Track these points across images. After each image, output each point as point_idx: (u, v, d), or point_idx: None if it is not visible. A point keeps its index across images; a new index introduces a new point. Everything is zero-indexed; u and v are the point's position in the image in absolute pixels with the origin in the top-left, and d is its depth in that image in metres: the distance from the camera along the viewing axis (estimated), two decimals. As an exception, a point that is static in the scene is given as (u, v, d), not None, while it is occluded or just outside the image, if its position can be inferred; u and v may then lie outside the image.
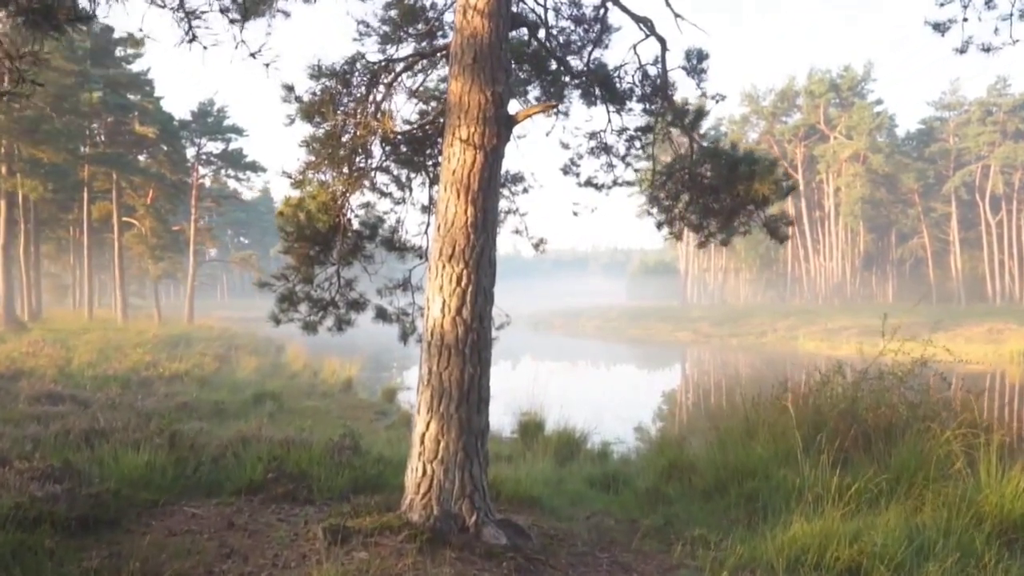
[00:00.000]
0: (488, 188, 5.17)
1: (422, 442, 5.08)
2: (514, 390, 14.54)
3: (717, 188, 6.98)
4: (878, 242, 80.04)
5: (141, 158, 39.32)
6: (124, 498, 5.65)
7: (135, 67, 37.49)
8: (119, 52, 36.19)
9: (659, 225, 7.93)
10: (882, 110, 73.53)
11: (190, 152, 42.76)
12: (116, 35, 34.17)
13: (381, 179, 7.05)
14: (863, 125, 70.92)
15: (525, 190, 7.76)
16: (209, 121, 41.91)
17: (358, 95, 6.06)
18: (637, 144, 7.64)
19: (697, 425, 13.85)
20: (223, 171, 46.69)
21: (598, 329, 69.76)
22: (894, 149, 73.75)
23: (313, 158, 6.17)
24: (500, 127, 5.19)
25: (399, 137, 6.94)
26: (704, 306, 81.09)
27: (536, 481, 7.80)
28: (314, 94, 6.03)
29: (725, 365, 36.76)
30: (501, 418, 14.09)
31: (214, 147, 43.22)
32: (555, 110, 8.16)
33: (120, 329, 31.16)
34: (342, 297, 6.82)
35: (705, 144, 6.83)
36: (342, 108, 6.01)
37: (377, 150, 6.81)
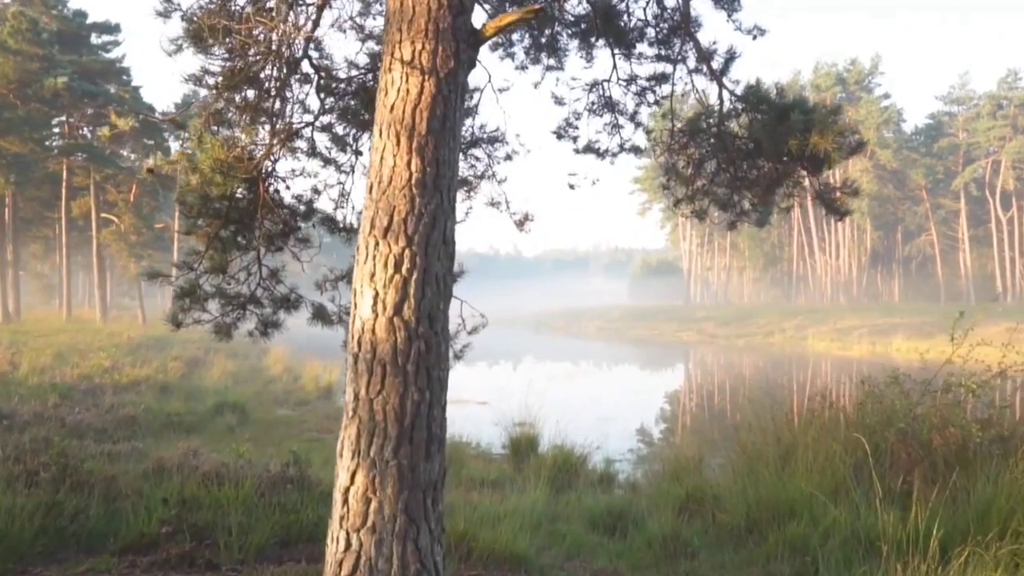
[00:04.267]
0: (442, 132, 3.57)
1: (345, 501, 3.48)
2: (509, 397, 12.91)
3: (755, 150, 5.38)
4: (884, 240, 78.35)
5: (124, 152, 37.67)
6: (-62, 572, 4.06)
7: (112, 56, 35.84)
8: (95, 40, 34.52)
9: (677, 202, 6.33)
10: (890, 104, 71.84)
11: (176, 146, 41.03)
12: (90, 21, 32.49)
13: (321, 140, 5.48)
14: (870, 120, 69.16)
15: (508, 156, 6.15)
16: (194, 113, 39.99)
17: (271, 9, 4.46)
18: (650, 98, 6.03)
19: (713, 438, 12.25)
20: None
21: (600, 330, 68.19)
22: (902, 144, 72.07)
23: (209, 99, 4.59)
24: (460, 43, 3.60)
25: (342, 86, 5.34)
26: (708, 306, 79.48)
27: (523, 523, 6.19)
28: (208, 4, 4.42)
29: (736, 367, 35.12)
30: (491, 430, 12.49)
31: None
32: (549, 61, 6.57)
33: (96, 331, 29.53)
34: (266, 292, 5.22)
35: (741, 92, 5.21)
36: (255, 32, 4.42)
37: (314, 101, 5.22)
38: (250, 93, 4.72)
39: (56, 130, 34.68)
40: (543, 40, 6.61)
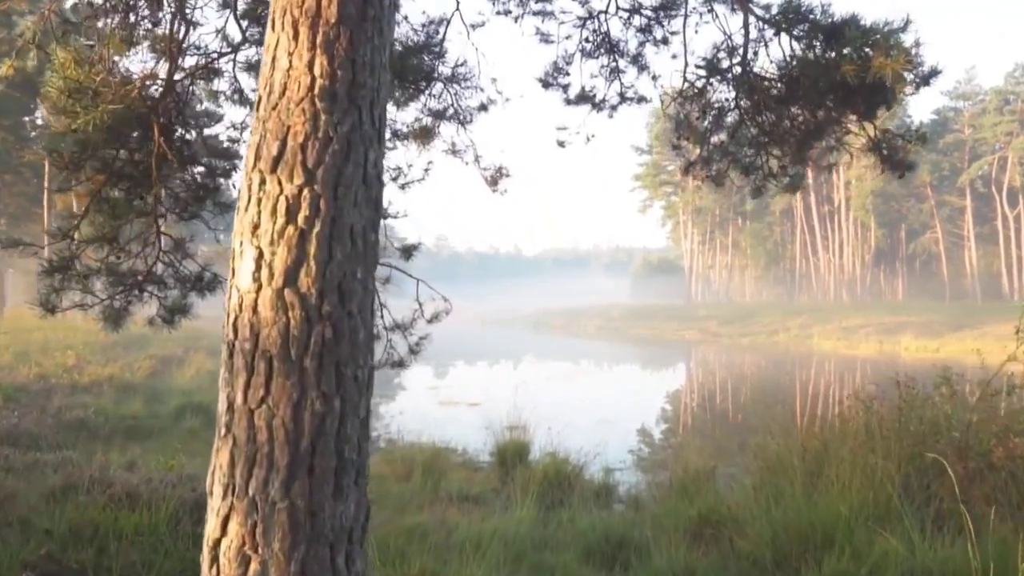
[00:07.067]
0: (361, 22, 2.47)
1: (215, 560, 2.38)
2: (504, 399, 11.79)
3: (787, 95, 4.27)
4: (888, 238, 77.13)
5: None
6: None
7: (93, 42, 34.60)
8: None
9: (689, 166, 5.21)
10: (894, 99, 70.59)
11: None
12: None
13: (247, 81, 4.37)
14: (875, 115, 67.96)
15: (483, 107, 5.02)
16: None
17: None
18: (657, 33, 4.91)
19: (724, 444, 11.16)
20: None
21: (600, 329, 67.11)
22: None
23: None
24: None
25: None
26: (710, 304, 78.38)
27: (503, 554, 5.11)
28: None
29: (742, 367, 34.00)
30: (481, 435, 11.35)
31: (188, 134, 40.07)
32: (535, 5, 5.45)
33: (73, 328, 28.36)
34: (170, 268, 4.12)
35: (773, 15, 4.09)
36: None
37: (233, 28, 4.12)
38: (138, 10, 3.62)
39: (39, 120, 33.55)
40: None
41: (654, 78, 5.09)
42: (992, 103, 68.29)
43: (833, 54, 3.63)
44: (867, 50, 3.55)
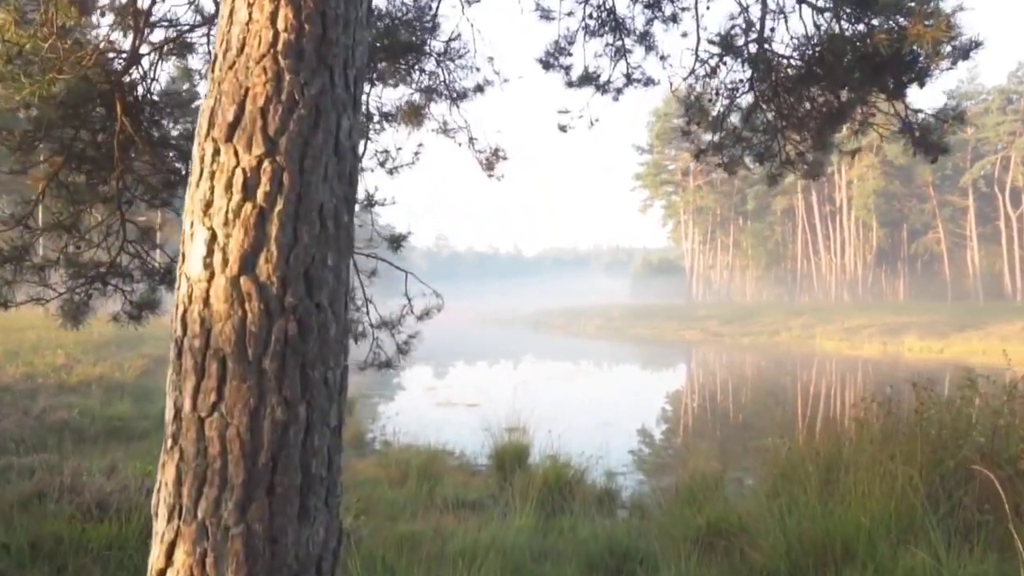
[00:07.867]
0: (334, -33, 2.13)
1: (159, 593, 2.04)
2: (503, 399, 11.46)
3: (807, 74, 3.92)
4: (889, 238, 76.78)
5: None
6: None
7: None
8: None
9: (700, 153, 4.87)
10: (897, 99, 70.29)
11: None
12: None
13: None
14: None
15: (479, 88, 4.67)
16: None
17: None
18: (666, 9, 4.57)
19: (730, 448, 10.82)
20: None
21: (599, 329, 66.78)
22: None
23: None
24: None
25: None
26: (710, 304, 78.08)
27: (500, 566, 4.78)
28: None
29: (744, 367, 33.66)
30: (479, 437, 11.01)
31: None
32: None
33: (69, 328, 28.12)
34: (136, 259, 3.79)
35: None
36: None
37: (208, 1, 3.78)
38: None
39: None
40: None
41: (662, 58, 4.75)
42: (995, 102, 67.92)
43: (862, 26, 3.30)
44: (900, 19, 3.22)
